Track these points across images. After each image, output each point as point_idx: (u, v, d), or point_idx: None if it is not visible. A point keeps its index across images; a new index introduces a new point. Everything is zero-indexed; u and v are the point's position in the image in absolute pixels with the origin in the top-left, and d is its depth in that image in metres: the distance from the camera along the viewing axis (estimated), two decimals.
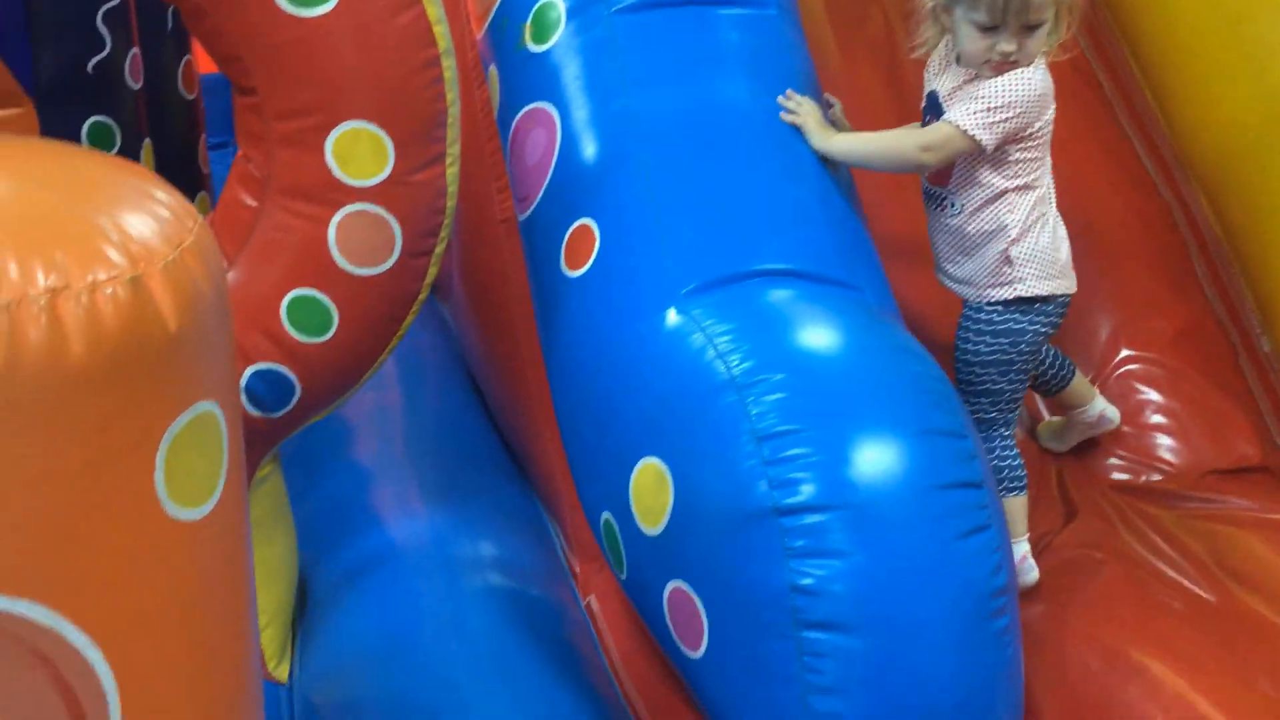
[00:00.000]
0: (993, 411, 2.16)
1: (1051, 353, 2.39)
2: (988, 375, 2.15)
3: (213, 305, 1.07)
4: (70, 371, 0.93)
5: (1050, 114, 2.10)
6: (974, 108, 2.02)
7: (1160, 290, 2.71)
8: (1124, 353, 2.63)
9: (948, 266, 2.19)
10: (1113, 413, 2.45)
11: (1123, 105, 2.99)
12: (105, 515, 0.98)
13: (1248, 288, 2.76)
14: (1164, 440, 2.56)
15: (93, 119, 2.49)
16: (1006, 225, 2.09)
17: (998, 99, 2.02)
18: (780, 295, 1.87)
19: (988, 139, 2.02)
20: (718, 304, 1.82)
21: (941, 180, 2.15)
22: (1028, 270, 2.11)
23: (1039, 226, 2.11)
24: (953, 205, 2.14)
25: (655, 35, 2.15)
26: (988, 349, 2.14)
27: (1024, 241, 2.10)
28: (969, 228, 2.13)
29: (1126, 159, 2.90)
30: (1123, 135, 2.97)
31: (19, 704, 0.97)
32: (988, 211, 2.10)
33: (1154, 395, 2.62)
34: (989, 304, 2.13)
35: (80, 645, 0.98)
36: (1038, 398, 2.54)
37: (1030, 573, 2.13)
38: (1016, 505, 2.15)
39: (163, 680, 1.05)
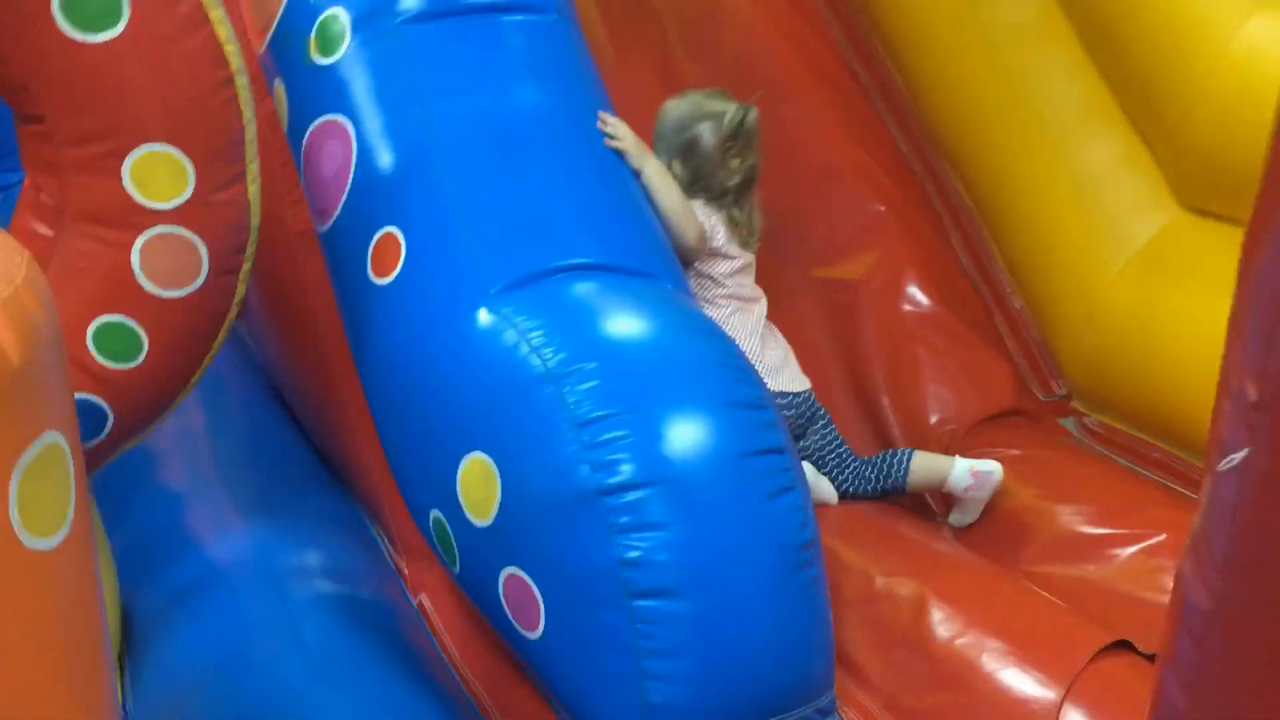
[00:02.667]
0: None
1: (877, 460, 2.50)
2: None
3: (49, 337, 1.09)
4: None
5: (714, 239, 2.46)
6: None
7: (923, 260, 2.97)
8: (898, 313, 2.88)
9: None
10: (986, 465, 2.45)
11: (879, 94, 3.24)
12: None
13: (999, 253, 3.06)
14: (939, 393, 2.81)
15: None
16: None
17: None
18: (585, 288, 1.97)
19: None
20: (527, 300, 1.90)
21: None
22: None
23: (742, 334, 2.41)
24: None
25: (443, 44, 2.21)
26: None
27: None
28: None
29: (886, 143, 3.15)
30: (880, 121, 3.22)
31: None
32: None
33: (926, 354, 2.87)
34: None
35: None
36: (928, 497, 2.57)
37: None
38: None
39: (26, 709, 1.06)
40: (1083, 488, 2.50)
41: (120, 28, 1.67)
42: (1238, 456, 0.79)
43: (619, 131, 2.21)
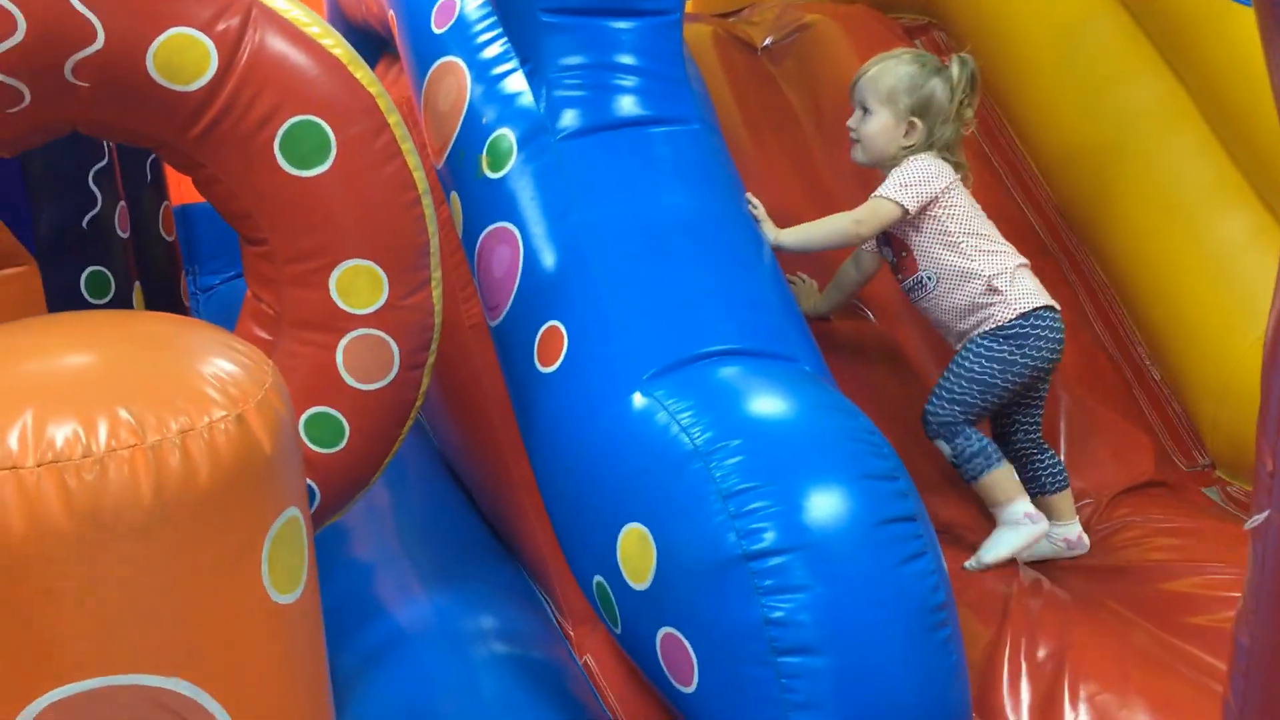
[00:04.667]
0: (961, 418, 2.60)
1: (1051, 456, 2.71)
2: (970, 390, 2.59)
3: (290, 430, 1.34)
4: (200, 492, 1.20)
5: (952, 182, 2.63)
6: (890, 183, 2.62)
7: None
8: None
9: (954, 328, 2.65)
10: (1085, 541, 2.67)
11: (1010, 175, 3.37)
12: (228, 603, 1.24)
13: (1137, 326, 3.14)
14: (1079, 466, 2.89)
15: (90, 269, 2.75)
16: (975, 269, 2.59)
17: (904, 175, 2.61)
18: (729, 371, 2.16)
19: (908, 202, 2.57)
20: (676, 384, 2.11)
21: (910, 269, 2.67)
22: (1012, 292, 2.58)
23: (1003, 260, 2.61)
24: (929, 281, 2.64)
25: (597, 156, 2.47)
26: (979, 370, 2.59)
27: (1000, 277, 2.58)
28: (949, 291, 2.62)
29: (1018, 223, 3.28)
30: (1013, 199, 3.36)
31: None
32: (953, 268, 2.61)
33: (1065, 427, 2.96)
34: (982, 336, 2.59)
35: (213, 710, 1.23)
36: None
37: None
38: (1001, 475, 2.58)
39: None
40: (1228, 552, 2.55)
41: (329, 164, 1.96)
42: (1260, 517, 0.92)
43: (758, 208, 2.59)
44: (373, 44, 3.31)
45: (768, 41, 3.59)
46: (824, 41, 3.54)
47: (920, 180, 2.60)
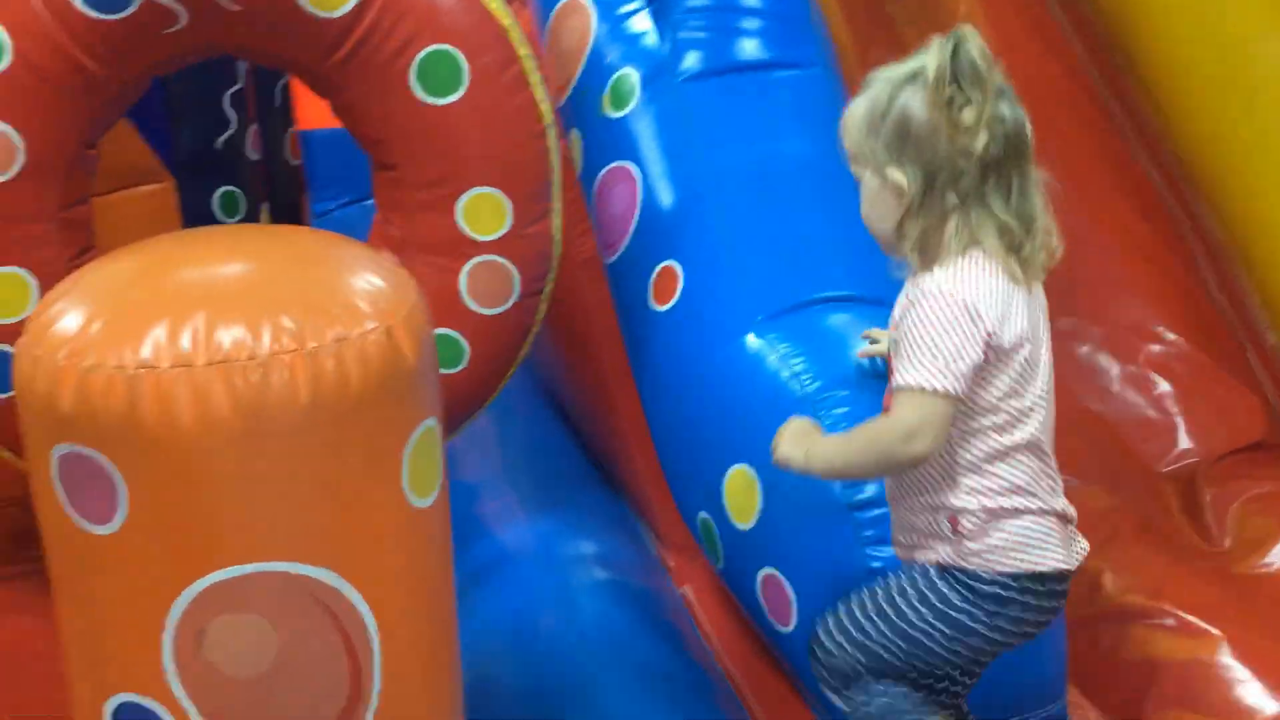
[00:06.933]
0: (864, 669, 1.75)
1: None
2: (891, 643, 1.73)
3: (430, 346, 1.41)
4: (350, 397, 1.27)
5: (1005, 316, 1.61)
6: (920, 350, 1.60)
7: (1173, 295, 3.03)
8: (1148, 349, 2.95)
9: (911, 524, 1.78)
10: None
11: (1133, 130, 3.31)
12: (371, 503, 1.32)
13: (1255, 289, 3.08)
14: (1186, 425, 2.86)
15: (222, 189, 2.87)
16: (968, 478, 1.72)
17: (932, 321, 1.60)
18: (840, 319, 2.18)
19: (954, 385, 1.57)
20: (789, 328, 2.14)
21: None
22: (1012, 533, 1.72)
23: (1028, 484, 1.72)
24: None
25: (719, 98, 2.49)
26: (915, 620, 1.72)
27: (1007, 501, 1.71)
28: (914, 483, 1.75)
29: (1137, 177, 3.22)
30: (1132, 155, 3.29)
31: (314, 643, 1.31)
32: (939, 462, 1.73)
33: (1172, 388, 2.94)
34: (941, 570, 1.73)
35: (355, 600, 1.32)
36: None
37: None
38: None
39: (407, 628, 1.39)
40: None
41: (460, 93, 2.02)
42: None
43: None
44: None
45: None
46: None
47: (952, 338, 1.57)
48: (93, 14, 1.82)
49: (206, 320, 1.23)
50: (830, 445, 1.72)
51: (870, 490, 1.92)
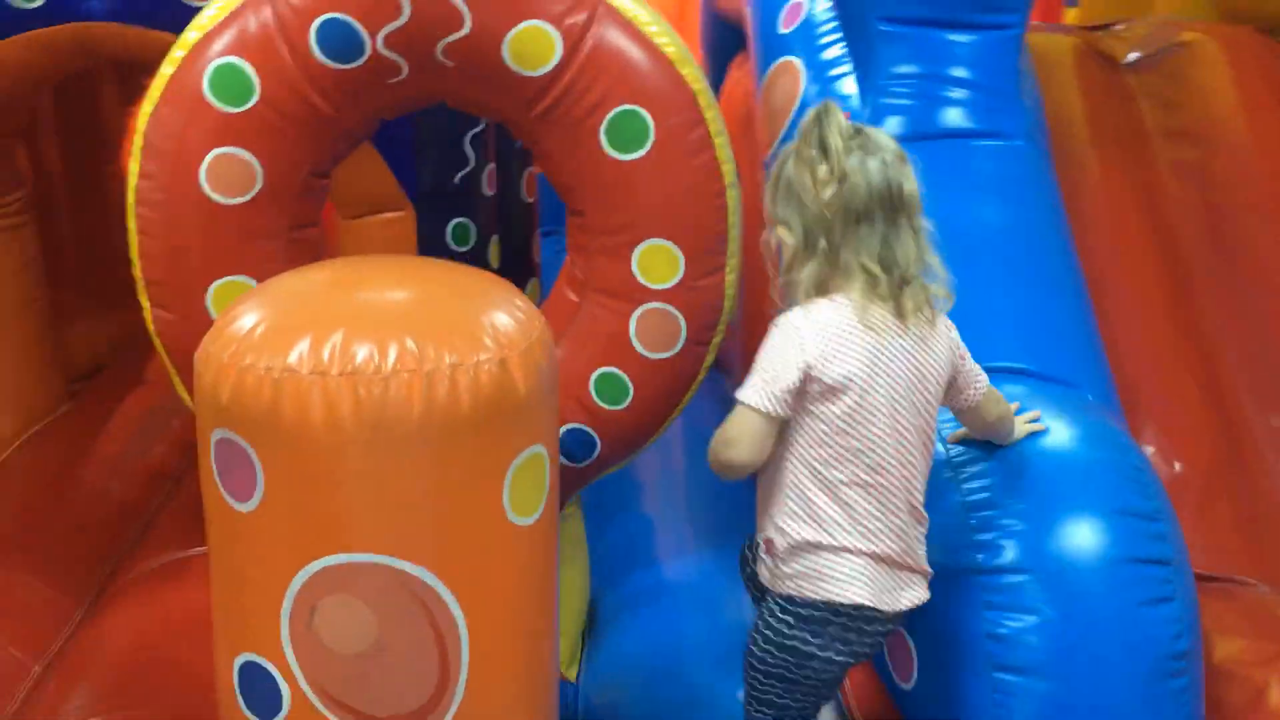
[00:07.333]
0: (778, 698, 1.90)
1: None
2: (782, 662, 1.88)
3: (548, 380, 1.55)
4: (459, 417, 1.43)
5: (827, 351, 1.75)
6: (753, 370, 1.79)
7: None
8: None
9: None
10: None
11: None
12: (471, 515, 1.47)
13: None
14: None
15: (455, 220, 3.14)
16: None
17: (762, 353, 1.79)
18: (1005, 390, 2.19)
19: (768, 405, 1.75)
20: None
21: None
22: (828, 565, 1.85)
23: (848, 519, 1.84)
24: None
25: (924, 162, 2.53)
26: (786, 638, 1.86)
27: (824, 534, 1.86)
28: (766, 486, 1.92)
29: None
30: None
31: (408, 633, 1.47)
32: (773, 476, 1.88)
33: None
34: (779, 597, 1.89)
35: (448, 600, 1.47)
36: None
37: None
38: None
39: (496, 631, 1.53)
40: None
41: (646, 149, 2.17)
42: None
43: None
44: (736, 37, 3.51)
45: (1133, 57, 3.44)
46: (1198, 63, 3.36)
47: (776, 363, 1.75)
48: (329, 63, 2.09)
49: (345, 336, 1.42)
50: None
51: (1007, 557, 1.93)
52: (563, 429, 2.31)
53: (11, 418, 3.26)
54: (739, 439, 1.77)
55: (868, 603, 1.79)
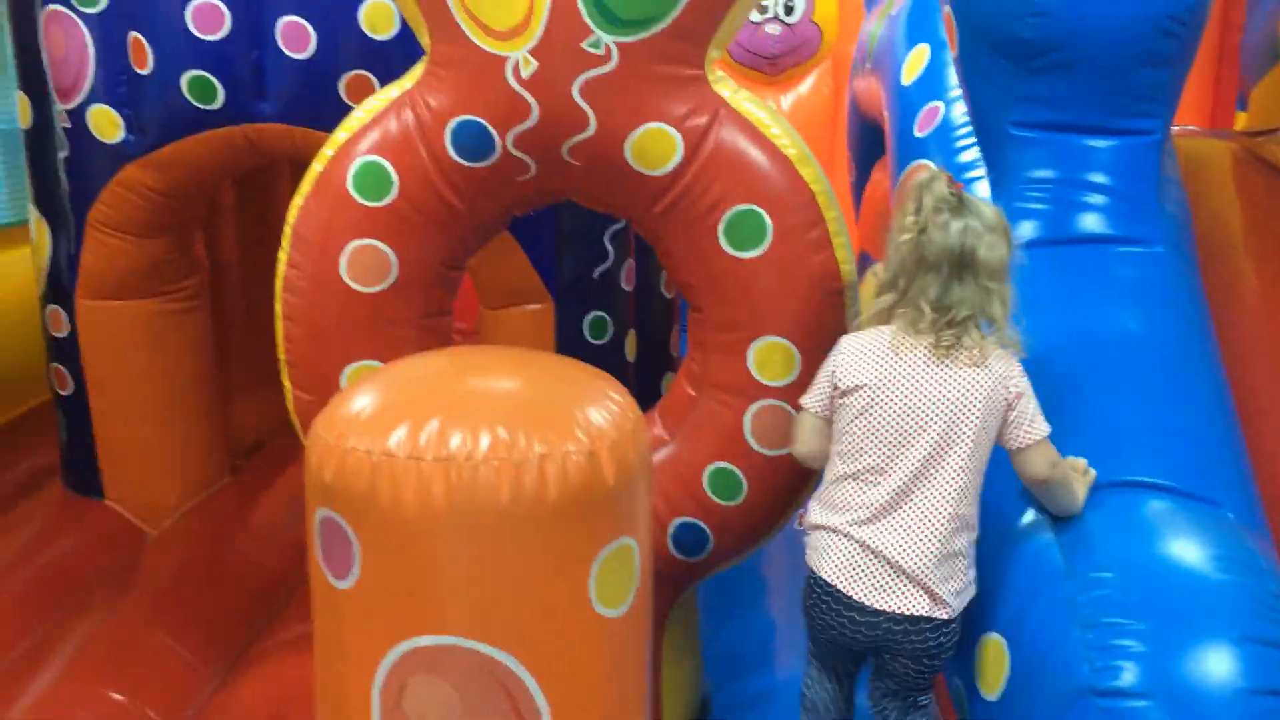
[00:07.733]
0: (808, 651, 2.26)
1: None
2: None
3: (639, 473, 1.58)
4: (546, 506, 1.47)
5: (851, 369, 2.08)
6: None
7: None
8: None
9: None
10: None
11: None
12: (556, 604, 1.50)
13: None
14: None
15: (593, 313, 3.22)
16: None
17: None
18: (1133, 504, 2.10)
19: (808, 400, 2.14)
20: None
21: None
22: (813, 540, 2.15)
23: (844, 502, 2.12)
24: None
25: (1049, 267, 2.49)
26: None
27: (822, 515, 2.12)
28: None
29: None
30: None
31: (491, 715, 1.49)
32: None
33: None
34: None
35: (530, 685, 1.49)
36: None
37: None
38: None
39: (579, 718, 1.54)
40: None
41: (764, 248, 2.20)
42: None
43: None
44: (879, 139, 3.53)
45: None
46: None
47: (821, 372, 2.12)
48: (463, 162, 2.20)
49: (441, 423, 1.48)
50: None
51: (1127, 679, 1.84)
52: (675, 522, 2.32)
53: (176, 488, 3.45)
54: (797, 434, 2.16)
55: (835, 583, 2.03)
